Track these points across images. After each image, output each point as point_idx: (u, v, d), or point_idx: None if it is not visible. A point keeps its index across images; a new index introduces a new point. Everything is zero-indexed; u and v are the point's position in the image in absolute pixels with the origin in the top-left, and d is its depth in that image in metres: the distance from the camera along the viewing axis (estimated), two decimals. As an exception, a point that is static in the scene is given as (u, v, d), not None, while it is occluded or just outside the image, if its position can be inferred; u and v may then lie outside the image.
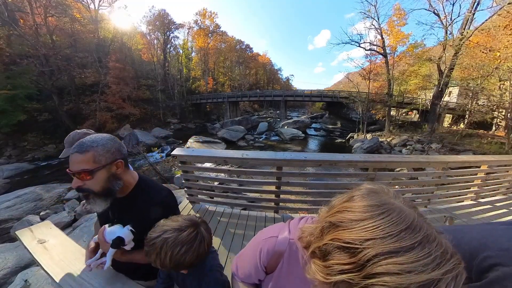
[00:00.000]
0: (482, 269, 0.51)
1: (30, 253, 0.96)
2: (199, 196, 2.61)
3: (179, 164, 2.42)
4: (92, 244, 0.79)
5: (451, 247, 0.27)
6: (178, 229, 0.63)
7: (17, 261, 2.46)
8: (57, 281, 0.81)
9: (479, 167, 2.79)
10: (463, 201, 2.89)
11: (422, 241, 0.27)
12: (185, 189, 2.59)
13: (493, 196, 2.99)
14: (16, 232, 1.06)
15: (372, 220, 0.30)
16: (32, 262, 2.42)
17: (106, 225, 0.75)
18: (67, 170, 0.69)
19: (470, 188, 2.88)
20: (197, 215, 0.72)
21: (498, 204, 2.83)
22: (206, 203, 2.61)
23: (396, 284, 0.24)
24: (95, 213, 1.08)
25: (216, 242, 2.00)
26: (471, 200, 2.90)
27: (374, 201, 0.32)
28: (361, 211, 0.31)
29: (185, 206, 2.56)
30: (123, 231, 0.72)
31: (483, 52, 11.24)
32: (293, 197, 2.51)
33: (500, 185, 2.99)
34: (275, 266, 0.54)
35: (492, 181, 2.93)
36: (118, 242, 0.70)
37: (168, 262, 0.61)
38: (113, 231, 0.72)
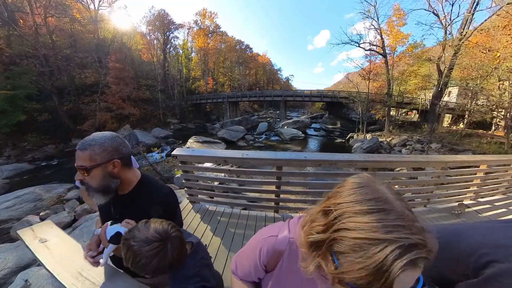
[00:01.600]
0: (479, 266, 0.52)
1: (31, 252, 0.96)
2: (199, 196, 2.61)
3: (179, 164, 2.42)
4: (95, 237, 0.80)
5: (420, 231, 0.31)
6: (144, 241, 0.62)
7: (17, 261, 2.45)
8: (59, 279, 0.82)
9: (478, 167, 2.80)
10: (462, 201, 2.90)
11: (380, 211, 0.31)
12: (185, 189, 2.59)
13: (492, 196, 3.00)
14: (17, 231, 1.07)
15: (349, 191, 0.37)
16: (32, 262, 2.42)
17: (108, 222, 0.76)
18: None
19: (469, 188, 2.89)
20: (168, 227, 0.67)
21: (497, 204, 2.84)
22: (206, 203, 2.61)
23: (351, 238, 0.31)
24: (96, 212, 1.09)
25: (216, 241, 2.01)
26: (471, 199, 2.91)
27: (358, 180, 0.39)
28: (346, 185, 0.39)
29: (185, 206, 2.56)
30: (124, 228, 0.73)
31: (482, 52, 11.27)
32: (293, 197, 2.51)
33: (499, 185, 3.00)
34: (275, 264, 0.54)
35: (491, 180, 2.93)
36: (116, 237, 0.70)
37: (130, 266, 0.62)
38: (114, 228, 0.73)
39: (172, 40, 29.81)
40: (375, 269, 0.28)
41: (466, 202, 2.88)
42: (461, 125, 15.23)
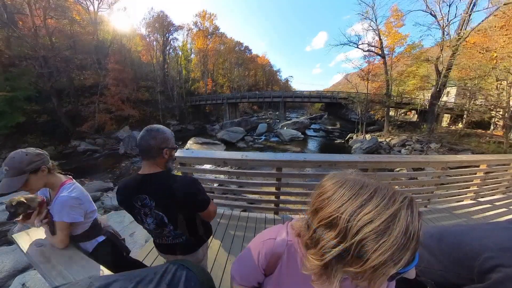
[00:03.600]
0: (484, 270, 0.51)
1: (26, 256, 0.95)
2: (198, 197, 2.59)
3: (178, 166, 2.41)
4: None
5: (396, 189, 0.35)
6: None
7: (15, 265, 2.43)
8: (54, 285, 0.80)
9: (478, 166, 2.80)
10: (462, 201, 2.90)
11: (376, 190, 0.34)
12: (185, 190, 2.57)
13: (493, 195, 3.00)
14: (13, 235, 1.05)
15: (337, 192, 0.37)
16: (29, 266, 2.39)
17: None
18: None
19: (469, 188, 2.89)
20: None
21: (497, 203, 2.83)
22: (205, 204, 2.59)
23: (374, 228, 0.31)
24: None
25: (215, 244, 1.99)
26: (471, 199, 2.91)
27: (334, 180, 0.40)
28: (328, 189, 0.39)
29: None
30: None
31: (480, 52, 11.34)
32: (293, 198, 2.50)
33: (499, 184, 3.00)
34: (274, 268, 0.54)
35: (491, 180, 2.93)
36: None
37: None
38: None
39: (171, 42, 29.90)
40: (403, 234, 0.31)
41: (466, 202, 2.88)
42: (460, 125, 15.28)
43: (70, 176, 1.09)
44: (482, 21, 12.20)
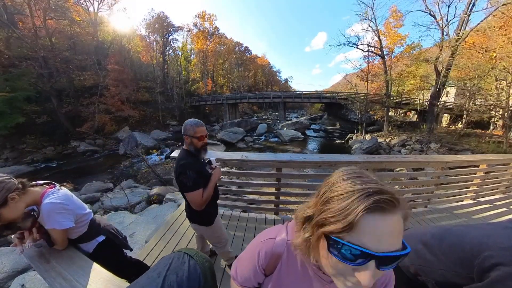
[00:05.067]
0: (484, 269, 0.51)
1: (25, 257, 0.95)
2: (198, 198, 2.59)
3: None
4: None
5: (379, 183, 0.36)
6: None
7: (14, 265, 2.42)
8: (53, 286, 0.80)
9: (478, 166, 2.80)
10: (462, 201, 2.90)
11: (358, 177, 0.37)
12: (184, 191, 2.57)
13: (493, 195, 3.00)
14: (12, 236, 1.04)
15: (339, 175, 0.41)
16: (29, 267, 2.39)
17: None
18: None
19: (469, 188, 2.89)
20: None
21: (497, 203, 2.83)
22: (205, 205, 2.59)
23: (334, 196, 0.36)
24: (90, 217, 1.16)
25: (215, 244, 1.98)
26: (471, 199, 2.91)
27: (344, 168, 0.43)
28: (337, 175, 0.42)
29: (184, 209, 2.54)
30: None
31: (479, 52, 11.36)
32: (293, 199, 2.50)
33: (499, 184, 3.00)
34: (274, 268, 0.54)
35: (491, 180, 2.94)
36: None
37: None
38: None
39: (171, 42, 29.90)
40: (344, 210, 0.32)
41: (466, 202, 2.88)
42: (460, 125, 15.29)
43: (52, 183, 1.05)
44: (481, 21, 12.23)
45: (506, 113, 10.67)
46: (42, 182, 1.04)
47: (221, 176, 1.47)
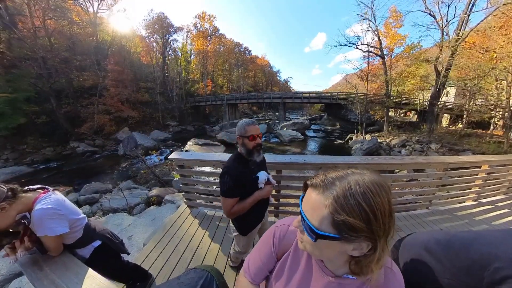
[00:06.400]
0: (494, 281, 0.49)
1: (18, 263, 0.92)
2: (197, 200, 2.57)
3: (177, 168, 2.38)
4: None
5: (340, 176, 0.41)
6: None
7: (11, 268, 2.39)
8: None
9: (479, 167, 2.77)
10: (464, 202, 2.87)
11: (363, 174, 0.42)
12: (183, 193, 2.55)
13: (494, 196, 2.98)
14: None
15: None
16: (26, 270, 2.36)
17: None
18: None
19: (471, 189, 2.86)
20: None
21: (499, 204, 2.81)
22: (204, 207, 2.57)
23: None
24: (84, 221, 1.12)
25: (215, 247, 1.96)
26: (473, 200, 2.89)
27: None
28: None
29: (183, 211, 2.52)
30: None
31: (479, 52, 11.35)
32: (293, 201, 2.47)
33: (501, 185, 2.98)
34: (283, 254, 0.59)
35: (493, 181, 2.91)
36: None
37: None
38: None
39: (171, 43, 29.90)
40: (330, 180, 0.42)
41: (468, 203, 2.85)
42: (460, 125, 15.27)
43: (46, 188, 1.02)
44: (481, 21, 12.22)
45: (506, 113, 10.66)
46: (35, 187, 1.01)
47: (270, 196, 1.32)
